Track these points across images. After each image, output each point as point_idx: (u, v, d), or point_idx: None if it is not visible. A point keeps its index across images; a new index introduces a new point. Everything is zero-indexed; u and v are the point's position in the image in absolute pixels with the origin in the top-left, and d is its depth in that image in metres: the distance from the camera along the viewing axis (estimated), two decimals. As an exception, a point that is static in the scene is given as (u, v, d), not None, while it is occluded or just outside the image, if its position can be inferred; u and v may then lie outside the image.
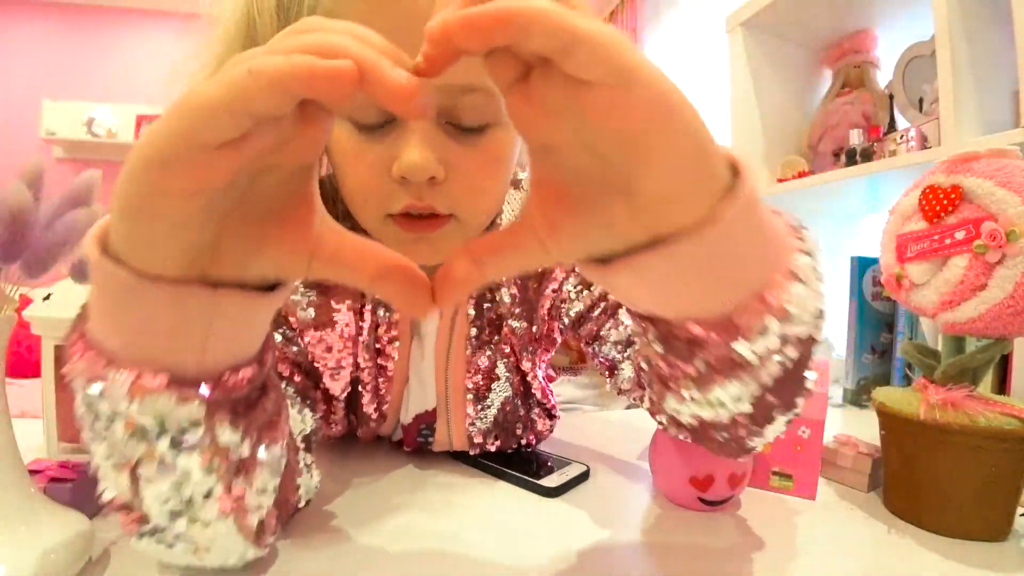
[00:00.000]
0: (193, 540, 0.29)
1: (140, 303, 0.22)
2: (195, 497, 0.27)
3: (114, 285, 0.22)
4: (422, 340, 0.53)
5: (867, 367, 0.88)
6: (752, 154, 1.31)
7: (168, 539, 0.28)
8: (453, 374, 0.52)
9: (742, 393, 0.27)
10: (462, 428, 0.54)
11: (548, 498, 0.48)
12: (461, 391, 0.53)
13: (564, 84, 0.18)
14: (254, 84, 0.17)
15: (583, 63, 0.18)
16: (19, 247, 0.30)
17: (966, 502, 0.42)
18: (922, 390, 0.46)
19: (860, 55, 1.24)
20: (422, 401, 0.55)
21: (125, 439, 0.25)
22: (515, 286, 0.52)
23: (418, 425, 0.56)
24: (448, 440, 0.55)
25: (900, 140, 0.97)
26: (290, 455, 0.35)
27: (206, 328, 0.23)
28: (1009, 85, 0.85)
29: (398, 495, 0.48)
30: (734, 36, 1.32)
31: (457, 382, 0.52)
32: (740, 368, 0.25)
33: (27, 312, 0.44)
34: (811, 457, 0.49)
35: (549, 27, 0.17)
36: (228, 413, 0.26)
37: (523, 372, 0.54)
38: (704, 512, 0.46)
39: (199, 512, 0.27)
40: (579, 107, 0.19)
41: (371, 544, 0.39)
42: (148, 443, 0.25)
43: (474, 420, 0.54)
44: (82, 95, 2.93)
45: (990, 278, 0.40)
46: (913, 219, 0.46)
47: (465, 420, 0.53)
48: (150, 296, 0.21)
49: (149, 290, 0.21)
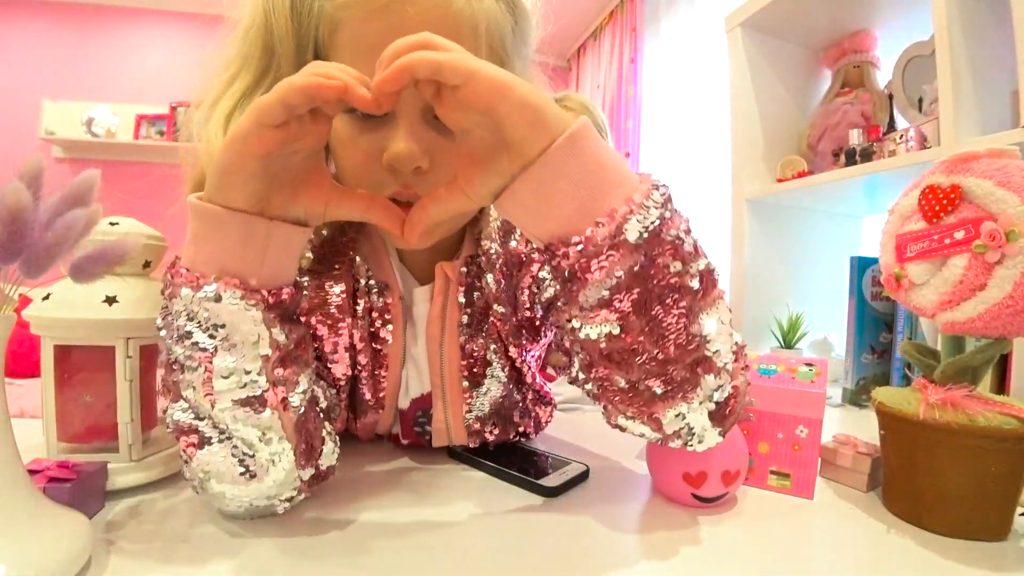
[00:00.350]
0: (250, 444, 0.37)
1: (225, 229, 0.35)
2: (250, 385, 0.36)
3: (209, 217, 0.34)
4: (415, 324, 0.55)
5: (866, 367, 0.88)
6: (752, 154, 1.31)
7: (225, 452, 0.37)
8: (448, 359, 0.54)
9: (600, 293, 0.34)
10: (459, 414, 0.55)
11: (548, 498, 0.48)
12: (456, 376, 0.54)
13: (452, 90, 0.32)
14: (291, 90, 0.31)
15: (449, 77, 0.31)
16: (18, 246, 0.30)
17: (965, 502, 0.42)
18: (921, 390, 0.46)
19: (860, 55, 1.24)
20: (418, 386, 0.56)
21: (207, 331, 0.35)
22: (499, 273, 0.53)
23: (415, 411, 0.57)
24: (446, 427, 0.55)
25: (900, 140, 0.97)
26: (312, 407, 0.42)
27: (263, 249, 0.36)
28: (1008, 85, 0.85)
29: (397, 494, 0.48)
30: (733, 36, 1.32)
31: (452, 367, 0.54)
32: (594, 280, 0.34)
33: (26, 312, 0.44)
34: (809, 456, 0.49)
35: (425, 66, 0.30)
36: (278, 317, 0.37)
37: (512, 359, 0.55)
38: (701, 511, 0.46)
39: (253, 409, 0.36)
40: (463, 101, 0.32)
41: (370, 543, 0.39)
42: (221, 336, 0.35)
43: (471, 406, 0.55)
44: (81, 95, 2.92)
45: (989, 278, 0.40)
46: (913, 219, 0.46)
47: (462, 406, 0.54)
48: (232, 223, 0.34)
49: (232, 218, 0.34)
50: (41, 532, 0.31)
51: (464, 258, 0.54)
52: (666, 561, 0.38)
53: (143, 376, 0.47)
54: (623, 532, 0.43)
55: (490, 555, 0.39)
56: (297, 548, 0.38)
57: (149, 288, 0.47)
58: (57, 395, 0.46)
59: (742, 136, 1.31)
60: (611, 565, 0.38)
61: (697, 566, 0.38)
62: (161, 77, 3.04)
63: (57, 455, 0.45)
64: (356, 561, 0.37)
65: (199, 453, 0.37)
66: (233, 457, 0.37)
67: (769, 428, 0.51)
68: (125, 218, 0.47)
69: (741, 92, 1.31)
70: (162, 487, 0.48)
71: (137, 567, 0.35)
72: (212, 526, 0.41)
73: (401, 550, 0.39)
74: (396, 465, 0.56)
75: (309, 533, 0.41)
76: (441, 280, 0.54)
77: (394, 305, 0.53)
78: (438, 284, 0.54)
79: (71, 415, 0.46)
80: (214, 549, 0.38)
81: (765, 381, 0.51)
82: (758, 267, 1.29)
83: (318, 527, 0.42)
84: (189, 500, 0.46)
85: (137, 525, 0.41)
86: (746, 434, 0.51)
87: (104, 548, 0.36)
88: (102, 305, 0.44)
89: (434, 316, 0.54)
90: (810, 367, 0.52)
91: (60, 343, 0.45)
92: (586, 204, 0.33)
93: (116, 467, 0.45)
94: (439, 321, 0.54)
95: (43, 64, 2.94)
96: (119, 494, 0.45)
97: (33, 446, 0.47)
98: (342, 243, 0.53)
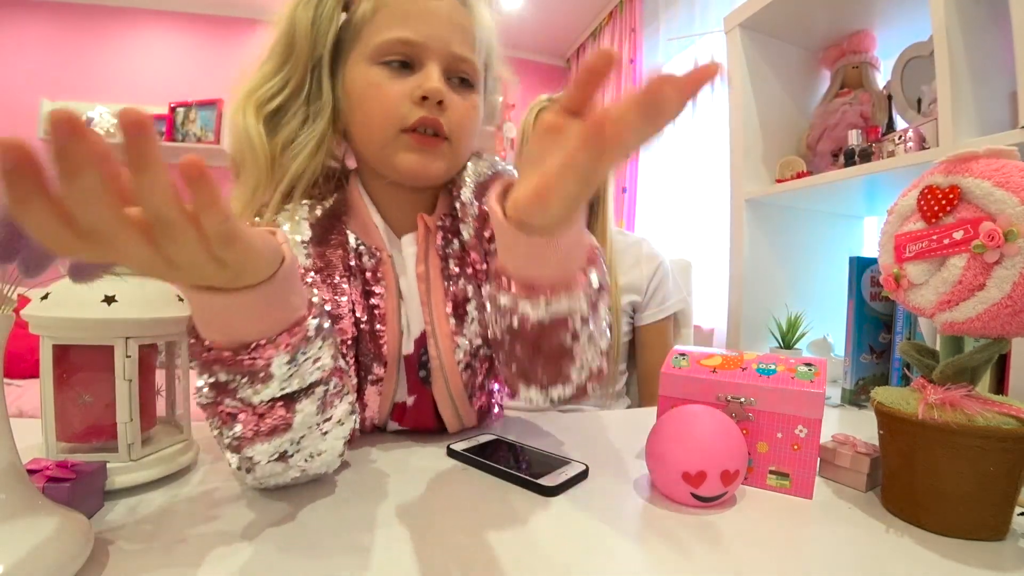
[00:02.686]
0: (316, 447, 0.43)
1: (244, 311, 0.35)
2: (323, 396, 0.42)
3: (227, 306, 0.34)
4: (407, 272, 0.62)
5: (866, 367, 0.88)
6: (751, 155, 1.31)
7: (295, 448, 0.42)
8: (435, 301, 0.61)
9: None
10: (450, 351, 0.61)
11: (547, 497, 0.48)
12: (443, 314, 0.61)
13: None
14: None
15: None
16: (16, 245, 0.30)
17: (964, 501, 0.42)
18: (920, 390, 0.46)
19: (858, 56, 1.25)
20: (417, 326, 0.62)
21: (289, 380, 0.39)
22: (475, 223, 0.62)
23: (418, 351, 0.62)
24: (440, 366, 0.61)
25: (898, 140, 0.97)
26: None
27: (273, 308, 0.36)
28: (1007, 86, 0.85)
29: (397, 494, 0.48)
30: (732, 37, 1.32)
31: (439, 306, 0.61)
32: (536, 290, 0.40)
33: (25, 311, 0.43)
34: (808, 456, 0.49)
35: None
36: (319, 337, 0.40)
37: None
38: (701, 511, 0.46)
39: (330, 413, 0.43)
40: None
41: (369, 543, 0.39)
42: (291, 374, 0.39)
43: (458, 344, 0.61)
44: (80, 95, 2.92)
45: (988, 278, 0.40)
46: (912, 219, 0.46)
47: (452, 343, 0.61)
48: (245, 305, 0.34)
49: (242, 301, 0.34)
50: (40, 532, 0.31)
51: (440, 212, 0.63)
52: (665, 561, 0.38)
53: (142, 376, 0.47)
54: (622, 532, 0.43)
55: (490, 555, 0.39)
56: (296, 548, 0.38)
57: (148, 288, 0.47)
58: (56, 395, 0.46)
59: (741, 137, 1.31)
60: (611, 565, 0.38)
61: (696, 566, 0.38)
62: (160, 78, 3.04)
63: (56, 455, 0.45)
64: (355, 561, 0.37)
65: (296, 418, 0.40)
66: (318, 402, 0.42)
67: (768, 428, 0.51)
68: (124, 218, 0.47)
69: (740, 93, 1.31)
70: (161, 487, 0.48)
71: (136, 567, 0.35)
72: (211, 526, 0.41)
73: (401, 550, 0.39)
74: (396, 465, 0.56)
75: (308, 533, 0.40)
76: (422, 229, 0.61)
77: (383, 264, 0.60)
78: (420, 232, 0.61)
79: (70, 415, 0.46)
80: (213, 549, 0.37)
81: (764, 381, 0.51)
82: (757, 267, 1.29)
83: (317, 527, 0.42)
84: (188, 500, 0.46)
85: (136, 525, 0.41)
86: (746, 434, 0.51)
87: (103, 548, 0.36)
88: (101, 305, 0.44)
89: (419, 258, 0.61)
90: (809, 367, 0.52)
91: (59, 343, 0.45)
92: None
93: (115, 467, 0.45)
94: (424, 263, 0.61)
95: (42, 64, 2.94)
96: (118, 494, 0.45)
97: (32, 446, 0.47)
98: (335, 218, 0.60)
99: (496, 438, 0.62)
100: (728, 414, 0.51)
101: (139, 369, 0.46)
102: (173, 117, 2.95)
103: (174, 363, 0.53)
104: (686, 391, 0.54)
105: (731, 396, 0.52)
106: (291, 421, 0.40)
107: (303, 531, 0.41)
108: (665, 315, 1.08)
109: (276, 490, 0.48)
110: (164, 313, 0.47)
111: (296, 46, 0.55)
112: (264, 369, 0.37)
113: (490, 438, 0.62)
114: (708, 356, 0.56)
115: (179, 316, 0.49)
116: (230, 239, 0.28)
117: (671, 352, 0.58)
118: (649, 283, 1.07)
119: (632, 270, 1.08)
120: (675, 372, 0.55)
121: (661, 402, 0.56)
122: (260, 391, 0.38)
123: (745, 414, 0.51)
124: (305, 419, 0.41)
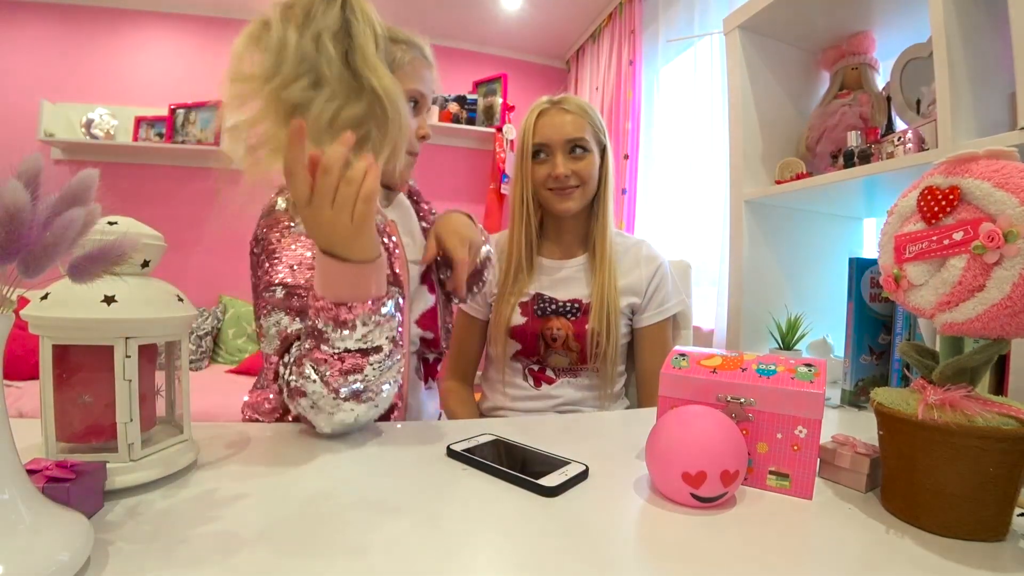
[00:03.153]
0: (382, 390, 0.61)
1: (366, 274, 0.56)
2: (388, 351, 0.59)
3: (359, 270, 0.56)
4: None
5: (865, 368, 0.88)
6: (750, 156, 1.31)
7: (369, 396, 0.60)
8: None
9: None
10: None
11: (547, 497, 0.48)
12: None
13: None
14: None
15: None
16: (16, 246, 0.30)
17: (964, 502, 0.42)
18: (920, 390, 0.46)
19: (858, 57, 1.25)
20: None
21: (373, 334, 0.57)
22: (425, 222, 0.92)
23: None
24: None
25: (898, 142, 0.98)
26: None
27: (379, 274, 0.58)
28: (1006, 87, 0.85)
29: (397, 494, 0.48)
30: (731, 38, 1.32)
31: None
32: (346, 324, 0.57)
33: (25, 311, 0.43)
34: (808, 457, 0.49)
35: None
36: (389, 314, 0.59)
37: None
38: (700, 511, 0.46)
39: (391, 369, 0.61)
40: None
41: (369, 543, 0.39)
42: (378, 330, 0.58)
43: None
44: (80, 97, 2.92)
45: (988, 279, 0.40)
46: (912, 220, 0.46)
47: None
48: (365, 270, 0.56)
49: (364, 267, 0.56)
50: (40, 532, 0.31)
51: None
52: (665, 561, 0.38)
53: (142, 376, 0.47)
54: (622, 532, 0.43)
55: (490, 555, 0.39)
56: (295, 548, 0.38)
57: (148, 288, 0.47)
58: (56, 395, 0.46)
59: (741, 138, 1.31)
60: (610, 565, 0.38)
61: (696, 566, 0.38)
62: (160, 79, 3.04)
63: (56, 455, 0.45)
64: (355, 561, 0.37)
65: (368, 366, 0.58)
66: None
67: (768, 428, 0.51)
68: (124, 217, 0.47)
69: (739, 94, 1.31)
70: (161, 487, 0.47)
71: (136, 567, 0.35)
72: (211, 526, 0.41)
73: (401, 550, 0.38)
74: (395, 465, 0.56)
75: (307, 533, 0.40)
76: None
77: (399, 245, 0.81)
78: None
79: (70, 415, 0.46)
80: (213, 549, 0.37)
81: (764, 381, 0.51)
82: (757, 268, 1.29)
83: (316, 527, 0.41)
84: (188, 500, 0.46)
85: (136, 525, 0.41)
86: (746, 434, 0.51)
87: (103, 548, 0.36)
88: (101, 305, 0.44)
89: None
90: (809, 368, 0.52)
91: (59, 343, 0.45)
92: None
93: (115, 467, 0.45)
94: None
95: (42, 66, 2.94)
96: (118, 494, 0.45)
97: (32, 446, 0.47)
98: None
99: (496, 438, 0.62)
100: (728, 414, 0.51)
101: (139, 369, 0.46)
102: (173, 119, 2.95)
103: (174, 363, 0.53)
104: (686, 391, 0.54)
105: (731, 397, 0.52)
106: (363, 366, 0.57)
107: (303, 531, 0.41)
108: (664, 317, 1.08)
109: (341, 439, 0.62)
110: (164, 313, 0.47)
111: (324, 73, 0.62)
112: (351, 322, 0.55)
113: (490, 438, 0.62)
114: (708, 357, 0.56)
115: (179, 316, 0.49)
116: (369, 199, 0.52)
117: (671, 352, 0.58)
118: (648, 285, 1.07)
119: (632, 272, 1.08)
120: (675, 372, 0.55)
121: (661, 402, 0.56)
122: (345, 339, 0.56)
123: (745, 414, 0.51)
124: (374, 368, 0.58)
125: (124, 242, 0.36)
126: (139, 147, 2.92)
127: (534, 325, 1.05)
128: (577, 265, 1.10)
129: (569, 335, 1.04)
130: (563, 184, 1.03)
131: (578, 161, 1.03)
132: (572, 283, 1.08)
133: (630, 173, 2.68)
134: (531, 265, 1.10)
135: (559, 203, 1.05)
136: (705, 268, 2.13)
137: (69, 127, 2.86)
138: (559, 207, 1.05)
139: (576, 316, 1.04)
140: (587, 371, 1.06)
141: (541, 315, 1.05)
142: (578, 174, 1.03)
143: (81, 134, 2.85)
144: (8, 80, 2.89)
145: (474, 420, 0.88)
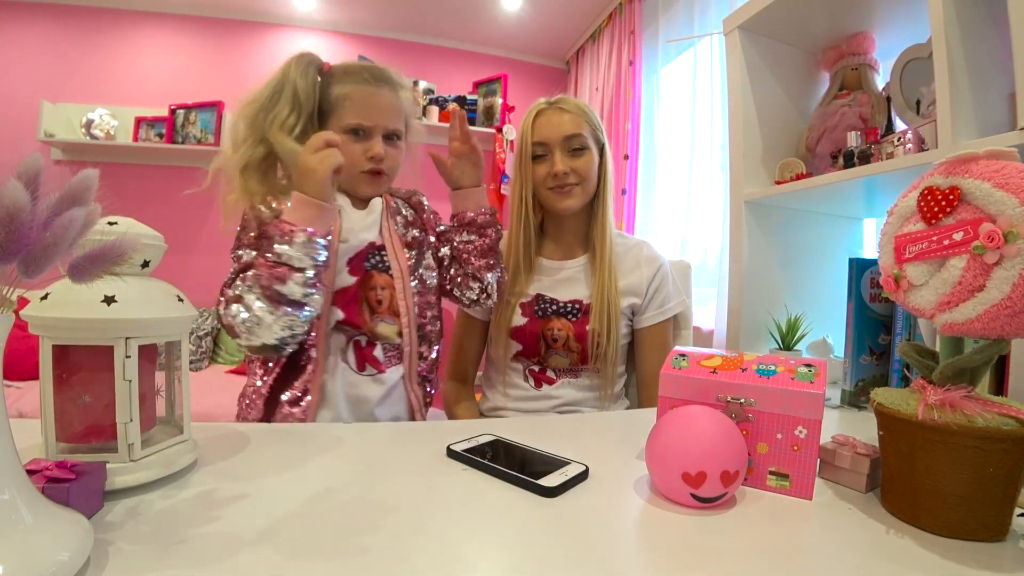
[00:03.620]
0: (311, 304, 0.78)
1: (318, 211, 0.79)
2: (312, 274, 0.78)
3: (310, 204, 0.78)
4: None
5: (865, 368, 0.88)
6: (750, 156, 1.31)
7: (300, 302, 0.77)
8: (398, 252, 0.96)
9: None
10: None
11: (547, 498, 0.48)
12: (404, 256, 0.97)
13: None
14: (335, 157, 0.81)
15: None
16: (15, 246, 0.30)
17: (964, 502, 0.42)
18: (920, 391, 0.46)
19: (858, 57, 1.25)
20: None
21: (302, 253, 0.76)
22: (410, 207, 1.05)
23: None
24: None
25: (898, 142, 0.98)
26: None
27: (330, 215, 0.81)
28: (1005, 87, 0.85)
29: (396, 495, 0.48)
30: (731, 39, 1.32)
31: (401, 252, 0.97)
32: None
33: (25, 311, 0.43)
34: (808, 457, 0.49)
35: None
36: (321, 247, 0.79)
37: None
38: (700, 511, 0.46)
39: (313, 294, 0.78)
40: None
41: (369, 544, 0.39)
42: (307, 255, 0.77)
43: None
44: (80, 97, 2.92)
45: (988, 279, 0.40)
46: (912, 220, 0.46)
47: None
48: (321, 208, 0.79)
49: (320, 205, 0.79)
50: (40, 532, 0.31)
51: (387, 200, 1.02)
52: (665, 561, 0.38)
53: (142, 376, 0.47)
54: (622, 532, 0.43)
55: (490, 555, 0.39)
56: (295, 548, 0.38)
57: (148, 288, 0.47)
58: (56, 395, 0.45)
59: (740, 138, 1.31)
60: (610, 565, 0.38)
61: (696, 566, 0.38)
62: (160, 80, 3.04)
63: (56, 455, 0.45)
64: (354, 561, 0.37)
65: (290, 280, 0.75)
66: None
67: (768, 428, 0.51)
68: (124, 218, 0.47)
69: (739, 94, 1.31)
70: (161, 487, 0.47)
71: (136, 567, 0.35)
72: (211, 526, 0.41)
73: (400, 550, 0.38)
74: (395, 465, 0.56)
75: (307, 533, 0.40)
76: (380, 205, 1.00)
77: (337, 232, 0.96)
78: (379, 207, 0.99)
79: (70, 415, 0.46)
80: (212, 549, 0.37)
81: (764, 381, 0.51)
82: (757, 269, 1.29)
83: (316, 527, 0.41)
84: (188, 500, 0.46)
85: (136, 525, 0.41)
86: (745, 435, 0.51)
87: (103, 548, 0.36)
88: (101, 305, 0.44)
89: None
90: (809, 368, 0.52)
91: (59, 343, 0.45)
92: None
93: (115, 467, 0.45)
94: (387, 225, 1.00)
95: (42, 66, 2.94)
96: (118, 494, 0.45)
97: (32, 446, 0.47)
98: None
99: (496, 438, 0.62)
100: (728, 415, 0.51)
101: (139, 369, 0.46)
102: (173, 119, 2.95)
103: (174, 363, 0.53)
104: (686, 392, 0.55)
105: (731, 397, 0.52)
106: (287, 276, 0.74)
107: (302, 531, 0.41)
108: (665, 317, 1.08)
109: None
110: (164, 313, 0.47)
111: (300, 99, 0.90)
112: (292, 236, 0.75)
113: (490, 438, 0.62)
114: (708, 357, 0.56)
115: (179, 316, 0.49)
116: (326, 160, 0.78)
117: (671, 353, 0.58)
118: (649, 286, 1.07)
119: (632, 273, 1.08)
120: (675, 373, 0.55)
121: (661, 403, 0.56)
122: (283, 246, 0.75)
123: (745, 415, 0.51)
124: (296, 284, 0.75)
125: (124, 242, 0.36)
126: (139, 147, 2.91)
127: (535, 326, 1.05)
128: (577, 266, 1.10)
129: (570, 336, 1.04)
130: (562, 182, 1.03)
131: (577, 159, 1.04)
132: (573, 284, 1.08)
133: (630, 173, 2.68)
134: (531, 266, 1.10)
135: (559, 201, 1.05)
136: (705, 268, 2.13)
137: (69, 127, 2.86)
138: (559, 205, 1.05)
139: (577, 317, 1.04)
140: (587, 372, 1.06)
141: (542, 316, 1.05)
142: (577, 171, 1.03)
143: (81, 134, 2.85)
144: (8, 80, 2.89)
145: (474, 420, 0.88)
